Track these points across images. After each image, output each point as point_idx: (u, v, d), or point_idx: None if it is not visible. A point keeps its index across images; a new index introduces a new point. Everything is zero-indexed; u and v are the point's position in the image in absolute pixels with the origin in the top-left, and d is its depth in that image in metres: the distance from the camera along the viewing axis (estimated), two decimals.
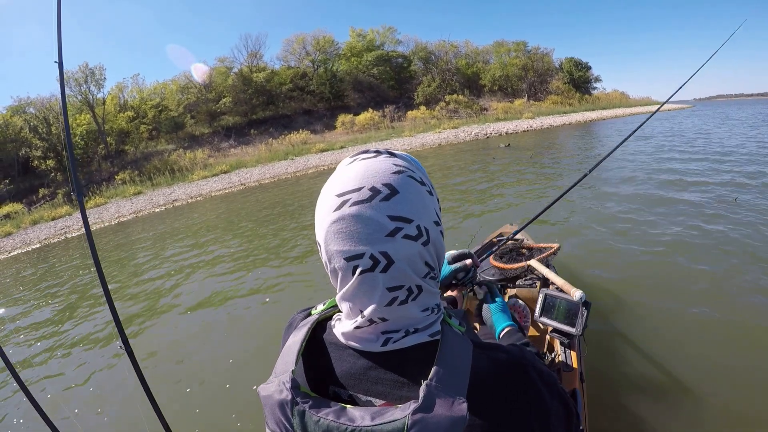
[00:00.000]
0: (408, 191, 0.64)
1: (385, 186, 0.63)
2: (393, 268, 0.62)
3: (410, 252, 0.63)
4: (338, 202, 0.63)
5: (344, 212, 0.62)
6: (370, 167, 0.65)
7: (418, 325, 0.67)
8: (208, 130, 35.22)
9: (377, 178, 0.63)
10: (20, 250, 14.70)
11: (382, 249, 0.61)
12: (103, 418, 3.32)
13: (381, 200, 0.62)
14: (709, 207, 6.01)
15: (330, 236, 0.63)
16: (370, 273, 0.62)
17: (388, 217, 0.61)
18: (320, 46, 41.75)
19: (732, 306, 3.40)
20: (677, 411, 2.40)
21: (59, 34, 1.89)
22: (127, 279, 7.61)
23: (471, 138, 27.52)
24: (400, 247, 0.62)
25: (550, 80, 48.01)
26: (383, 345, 0.66)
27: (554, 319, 1.90)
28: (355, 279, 0.63)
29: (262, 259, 7.00)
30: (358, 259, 0.62)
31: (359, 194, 0.62)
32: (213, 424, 2.99)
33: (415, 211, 0.63)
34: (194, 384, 3.57)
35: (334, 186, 0.65)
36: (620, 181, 8.69)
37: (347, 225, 0.61)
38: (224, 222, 11.78)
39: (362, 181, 0.63)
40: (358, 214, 0.61)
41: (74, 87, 31.18)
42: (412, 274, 0.64)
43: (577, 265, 4.47)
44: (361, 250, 0.61)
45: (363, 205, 0.61)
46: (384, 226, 0.61)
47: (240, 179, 21.72)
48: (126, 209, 18.71)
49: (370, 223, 0.61)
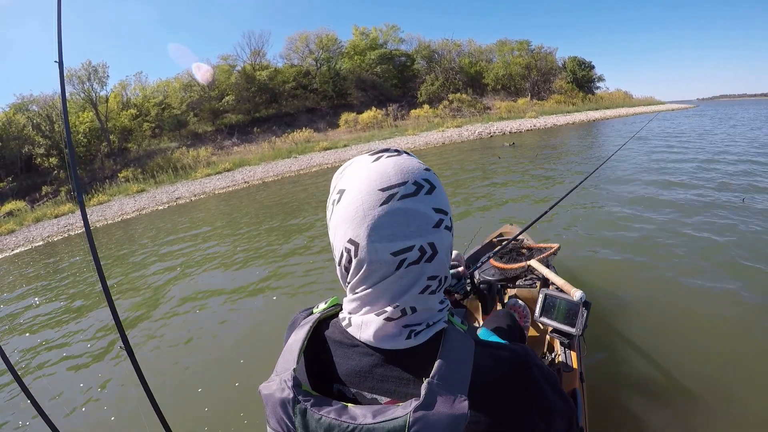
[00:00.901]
0: (440, 186, 0.68)
1: (425, 181, 0.66)
2: (436, 259, 0.65)
3: (449, 241, 0.68)
4: (384, 197, 0.63)
5: (394, 206, 0.62)
6: (405, 164, 0.67)
7: (435, 318, 0.69)
8: (211, 128, 35.20)
9: (416, 174, 0.65)
10: (23, 247, 14.65)
11: (429, 240, 0.64)
12: (103, 418, 3.30)
13: (425, 194, 0.65)
14: (713, 208, 5.94)
15: (375, 231, 0.63)
16: (416, 265, 0.64)
17: (433, 210, 0.65)
18: (323, 44, 41.60)
19: (733, 306, 3.38)
20: (677, 411, 2.40)
21: (59, 33, 1.87)
22: (129, 277, 7.55)
23: (475, 137, 27.40)
24: (443, 237, 0.66)
25: (554, 79, 47.85)
26: (407, 338, 0.66)
27: (554, 319, 1.92)
28: (398, 273, 0.64)
29: (265, 258, 6.93)
30: (407, 252, 0.63)
31: (405, 188, 0.63)
32: (213, 424, 2.98)
33: (447, 205, 0.68)
34: (195, 384, 3.54)
35: (372, 181, 0.65)
36: (621, 182, 8.61)
37: (398, 218, 0.62)
38: (227, 220, 11.73)
39: (405, 175, 0.65)
40: (409, 207, 0.63)
41: (77, 85, 31.20)
42: (446, 263, 0.68)
43: (577, 265, 4.46)
44: (411, 242, 0.63)
45: (410, 199, 0.63)
46: (431, 218, 0.64)
47: (243, 177, 21.67)
48: (129, 207, 18.70)
49: (419, 215, 0.63)
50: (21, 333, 5.76)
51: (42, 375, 4.27)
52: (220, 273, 6.60)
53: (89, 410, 3.45)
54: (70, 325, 5.57)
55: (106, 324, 5.21)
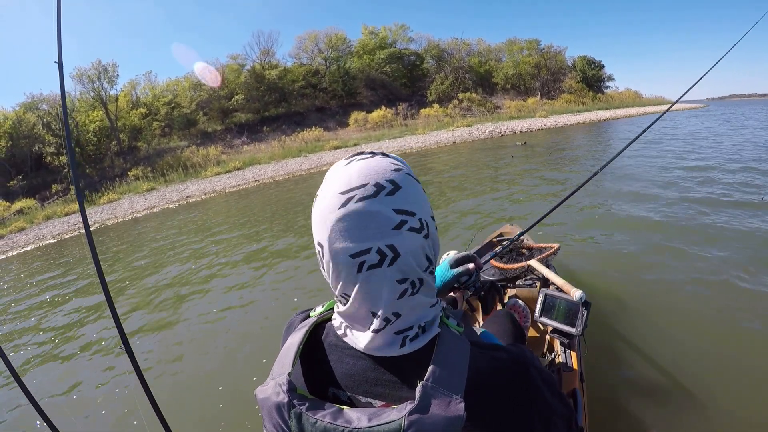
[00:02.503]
0: (409, 187, 0.66)
1: (389, 182, 0.64)
2: (399, 261, 0.63)
3: (415, 244, 0.64)
4: (343, 200, 0.63)
5: (350, 208, 0.62)
6: (371, 166, 0.66)
7: (426, 319, 0.68)
8: (221, 127, 35.18)
9: (380, 175, 0.64)
10: (33, 245, 14.63)
11: (389, 242, 0.62)
12: (103, 418, 3.29)
13: (386, 195, 0.63)
14: (716, 209, 5.78)
15: (335, 234, 0.63)
16: (378, 269, 0.62)
17: (393, 211, 0.63)
18: (332, 43, 41.46)
19: (733, 306, 3.35)
20: (677, 411, 2.38)
21: (59, 34, 1.86)
22: (133, 276, 7.50)
23: (486, 136, 27.12)
24: (407, 239, 0.63)
25: (563, 79, 47.44)
26: (402, 346, 0.66)
27: (554, 319, 1.94)
28: (361, 278, 0.63)
29: (269, 258, 6.83)
30: (365, 254, 0.62)
31: (364, 190, 0.63)
32: (213, 424, 2.95)
33: (417, 205, 0.65)
34: (195, 384, 3.54)
35: (336, 185, 0.65)
36: (624, 180, 8.43)
37: (354, 221, 0.62)
38: (239, 218, 11.58)
39: (366, 178, 0.64)
40: (365, 209, 0.62)
41: (87, 84, 31.50)
42: (416, 266, 0.65)
43: (577, 265, 4.43)
44: (368, 245, 0.62)
45: (369, 200, 0.62)
46: (391, 219, 0.62)
47: (254, 176, 21.57)
48: (139, 205, 18.67)
49: (378, 216, 0.62)
50: (21, 332, 5.74)
51: (42, 374, 4.25)
52: (222, 273, 6.52)
53: (89, 410, 3.42)
54: (71, 325, 5.53)
55: (107, 323, 5.16)
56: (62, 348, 4.82)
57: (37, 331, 5.63)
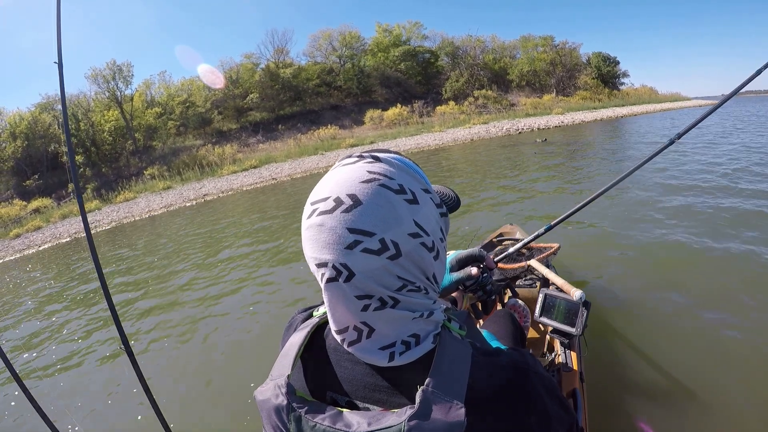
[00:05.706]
0: (374, 202, 0.59)
1: (349, 197, 0.59)
2: (355, 280, 0.59)
3: (371, 266, 0.59)
4: (309, 211, 0.62)
5: (312, 221, 0.61)
6: (342, 176, 0.62)
7: (412, 332, 0.64)
8: (236, 126, 35.16)
9: (344, 188, 0.60)
10: (50, 243, 14.57)
11: (342, 261, 0.59)
12: (103, 418, 3.27)
13: (342, 212, 0.59)
14: (718, 209, 5.60)
15: (305, 242, 0.63)
16: (335, 282, 0.60)
17: (347, 230, 0.58)
18: (346, 41, 41.23)
19: (733, 306, 3.29)
20: (677, 411, 2.36)
21: (59, 34, 1.87)
22: (137, 275, 7.47)
23: (503, 133, 26.56)
24: (360, 261, 0.59)
25: (578, 75, 46.57)
26: (390, 360, 0.63)
27: (554, 319, 1.92)
28: (324, 286, 0.62)
29: (273, 257, 6.71)
30: (324, 267, 0.60)
31: (325, 204, 0.60)
32: (213, 425, 2.94)
33: (379, 224, 0.59)
34: (195, 384, 3.50)
35: (313, 192, 0.64)
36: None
37: (314, 234, 0.61)
38: (255, 216, 11.30)
39: (330, 190, 0.61)
40: (321, 225, 0.60)
41: (102, 84, 31.85)
42: (378, 287, 0.60)
43: (577, 265, 4.39)
44: (325, 258, 0.60)
45: (325, 216, 0.60)
46: (342, 239, 0.58)
47: (271, 174, 21.36)
48: (156, 204, 18.59)
49: (332, 234, 0.59)
50: (21, 330, 5.79)
51: (42, 374, 4.22)
52: (225, 273, 6.42)
53: (89, 410, 3.40)
54: (72, 324, 5.53)
55: (107, 324, 5.14)
56: (62, 348, 4.79)
57: (37, 329, 5.64)
